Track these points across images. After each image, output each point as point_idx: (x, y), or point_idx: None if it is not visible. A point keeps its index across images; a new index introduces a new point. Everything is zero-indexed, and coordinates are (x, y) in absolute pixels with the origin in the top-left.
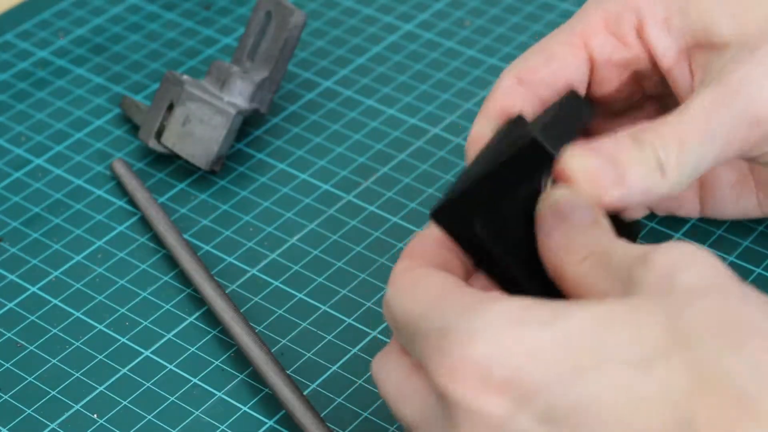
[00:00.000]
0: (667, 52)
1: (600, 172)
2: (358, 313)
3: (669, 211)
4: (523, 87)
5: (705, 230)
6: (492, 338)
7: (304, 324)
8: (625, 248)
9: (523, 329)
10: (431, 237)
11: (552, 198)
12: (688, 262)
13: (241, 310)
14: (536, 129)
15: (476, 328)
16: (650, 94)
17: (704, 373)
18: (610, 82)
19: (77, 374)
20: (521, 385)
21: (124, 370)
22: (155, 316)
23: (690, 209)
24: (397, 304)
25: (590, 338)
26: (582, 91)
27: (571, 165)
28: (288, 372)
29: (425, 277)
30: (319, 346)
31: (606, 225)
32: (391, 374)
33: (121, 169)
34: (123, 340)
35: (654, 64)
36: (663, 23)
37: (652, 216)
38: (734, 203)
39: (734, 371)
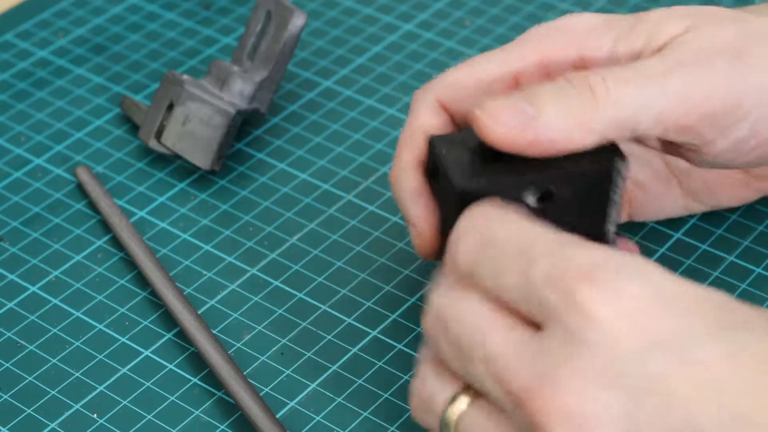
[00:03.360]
0: None
1: (507, 115)
2: (358, 313)
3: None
4: (443, 112)
5: (705, 230)
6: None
7: (304, 324)
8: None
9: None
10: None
11: None
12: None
13: (241, 310)
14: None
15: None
16: None
17: None
18: None
19: (77, 374)
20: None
21: (124, 370)
22: (155, 315)
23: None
24: (500, 228)
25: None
26: None
27: (478, 117)
28: (288, 372)
29: (516, 218)
30: (319, 346)
31: None
32: (468, 310)
33: (84, 176)
34: (123, 340)
35: None
36: (610, 53)
37: None
38: (660, 208)
39: None
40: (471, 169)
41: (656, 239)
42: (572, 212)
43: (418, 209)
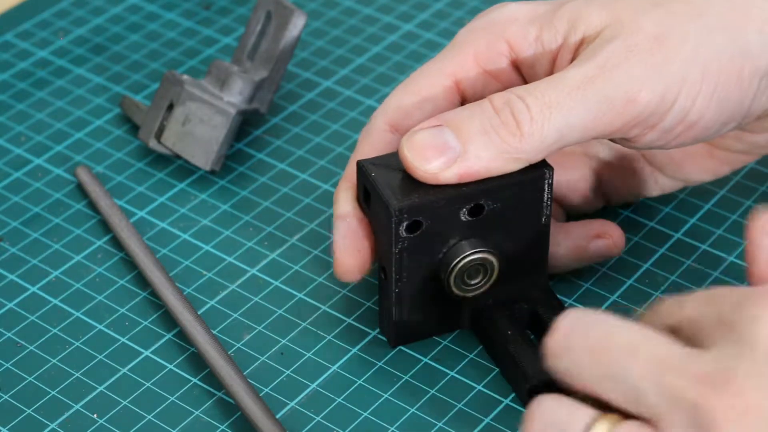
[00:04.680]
0: (541, 70)
1: (433, 151)
2: (358, 313)
3: (573, 206)
4: (397, 134)
5: (705, 230)
6: None
7: (304, 324)
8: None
9: None
10: None
11: None
12: None
13: (241, 310)
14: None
15: None
16: None
17: None
18: None
19: (77, 374)
20: None
21: (124, 370)
22: (155, 315)
23: (591, 201)
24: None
25: None
26: None
27: (405, 155)
28: (288, 372)
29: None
30: (319, 346)
31: None
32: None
33: (84, 176)
34: (123, 340)
35: None
36: (536, 41)
37: (651, 215)
38: (632, 186)
39: None
40: (403, 189)
41: (656, 239)
42: (505, 224)
43: (336, 234)
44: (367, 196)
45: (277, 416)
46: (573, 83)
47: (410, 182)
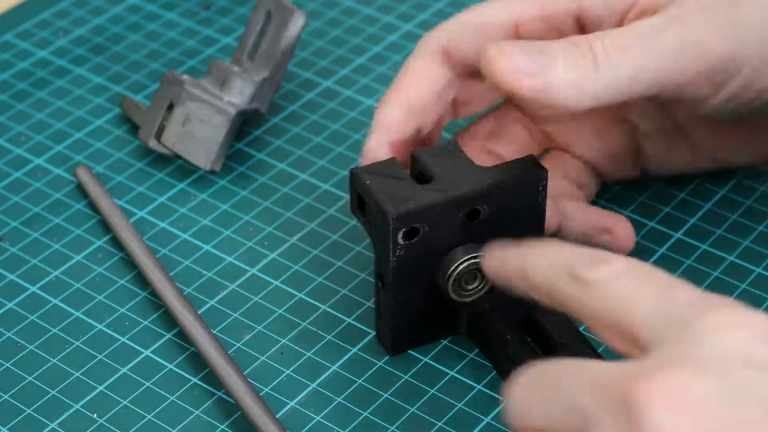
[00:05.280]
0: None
1: (521, 58)
2: (358, 312)
3: (608, 173)
4: (447, 64)
5: (705, 230)
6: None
7: (304, 324)
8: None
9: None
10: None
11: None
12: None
13: (241, 310)
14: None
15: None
16: None
17: None
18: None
19: (77, 374)
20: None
21: (124, 370)
22: (155, 315)
23: (627, 170)
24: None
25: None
26: None
27: (491, 55)
28: (288, 372)
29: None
30: (319, 345)
31: None
32: (567, 361)
33: (84, 176)
34: (123, 339)
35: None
36: (604, 2)
37: (651, 215)
38: (668, 159)
39: None
40: (399, 196)
41: (656, 239)
42: (501, 227)
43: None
44: (361, 204)
45: (277, 416)
46: (645, 32)
47: (406, 189)
